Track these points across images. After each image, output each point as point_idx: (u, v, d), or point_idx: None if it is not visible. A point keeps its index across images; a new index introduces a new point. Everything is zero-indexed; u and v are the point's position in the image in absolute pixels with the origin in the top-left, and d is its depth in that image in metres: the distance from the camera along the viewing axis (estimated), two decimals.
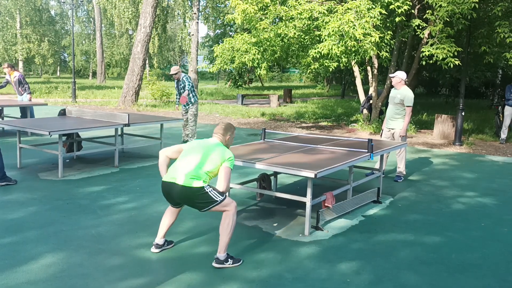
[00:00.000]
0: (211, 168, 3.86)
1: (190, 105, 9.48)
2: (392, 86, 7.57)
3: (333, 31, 9.81)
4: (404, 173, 7.32)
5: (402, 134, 7.15)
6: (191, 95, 9.41)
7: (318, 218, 4.89)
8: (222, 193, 3.87)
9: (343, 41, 9.91)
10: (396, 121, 7.22)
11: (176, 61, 53.06)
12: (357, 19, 9.79)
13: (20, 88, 11.26)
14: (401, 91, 7.18)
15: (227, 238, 3.85)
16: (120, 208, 5.44)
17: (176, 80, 9.57)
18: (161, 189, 4.01)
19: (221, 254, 3.87)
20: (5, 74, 11.27)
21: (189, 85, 9.37)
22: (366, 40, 9.76)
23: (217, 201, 3.82)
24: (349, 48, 9.94)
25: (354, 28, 9.66)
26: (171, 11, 32.87)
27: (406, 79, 7.39)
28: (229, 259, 3.89)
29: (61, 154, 6.87)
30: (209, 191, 3.81)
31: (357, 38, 9.67)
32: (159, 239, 4.19)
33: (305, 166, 4.59)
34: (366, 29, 9.74)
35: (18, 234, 4.50)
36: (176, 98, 10.12)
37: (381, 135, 7.56)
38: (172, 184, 3.84)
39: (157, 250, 4.17)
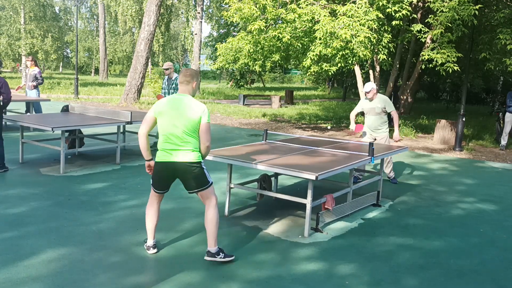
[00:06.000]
0: (193, 129, 3.80)
1: None
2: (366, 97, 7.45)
3: (323, 32, 9.88)
4: (393, 175, 7.40)
5: (397, 139, 7.16)
6: None
7: (318, 220, 4.91)
8: (210, 177, 3.99)
9: (331, 41, 9.97)
10: (382, 130, 7.14)
11: (178, 60, 53.11)
12: (348, 22, 9.85)
13: (31, 83, 11.50)
14: (379, 99, 7.05)
15: (215, 230, 3.89)
16: (121, 205, 5.47)
17: (166, 77, 8.89)
18: (156, 174, 3.94)
19: (212, 248, 3.90)
20: (17, 69, 11.68)
21: None
22: (353, 40, 9.80)
23: (209, 182, 3.92)
24: (337, 48, 9.98)
25: (342, 29, 9.72)
26: (175, 10, 32.89)
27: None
28: (221, 253, 3.92)
29: (63, 150, 6.91)
30: (205, 170, 3.92)
31: (344, 38, 9.70)
32: (151, 240, 4.13)
33: (306, 168, 4.62)
34: (355, 30, 9.78)
35: (19, 229, 4.53)
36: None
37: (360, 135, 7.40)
38: (171, 163, 3.83)
39: (155, 250, 4.14)
